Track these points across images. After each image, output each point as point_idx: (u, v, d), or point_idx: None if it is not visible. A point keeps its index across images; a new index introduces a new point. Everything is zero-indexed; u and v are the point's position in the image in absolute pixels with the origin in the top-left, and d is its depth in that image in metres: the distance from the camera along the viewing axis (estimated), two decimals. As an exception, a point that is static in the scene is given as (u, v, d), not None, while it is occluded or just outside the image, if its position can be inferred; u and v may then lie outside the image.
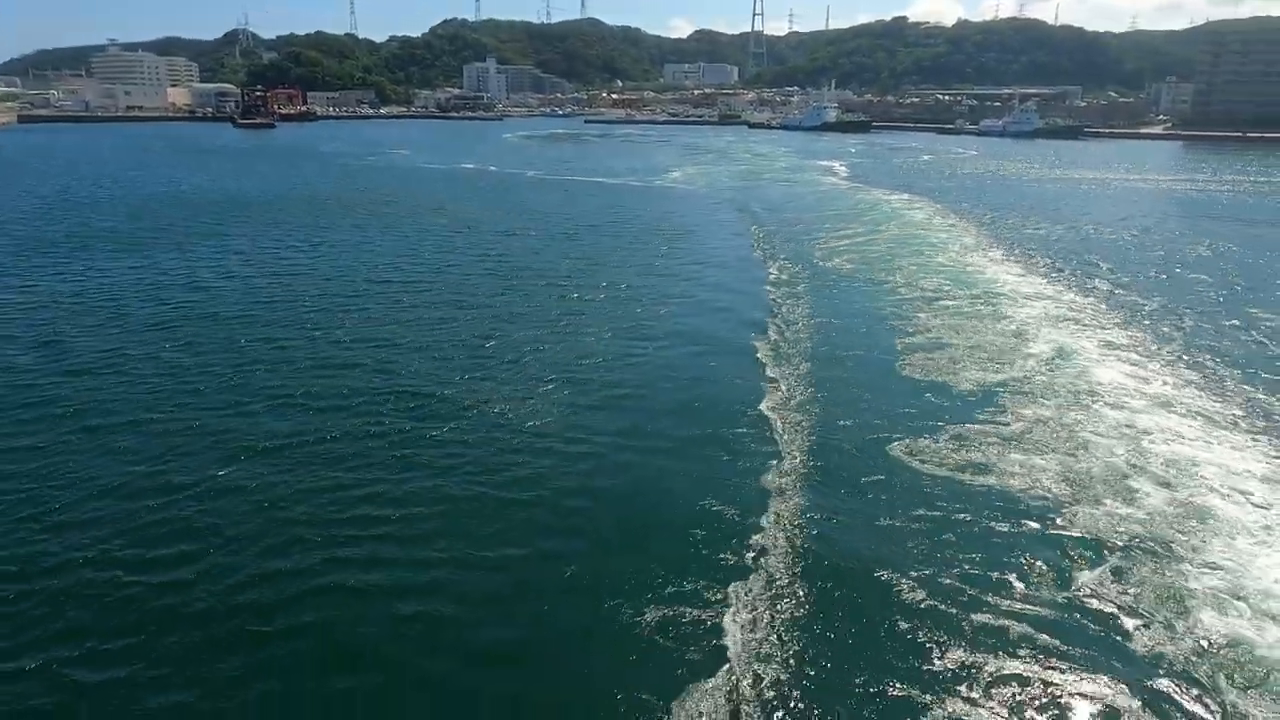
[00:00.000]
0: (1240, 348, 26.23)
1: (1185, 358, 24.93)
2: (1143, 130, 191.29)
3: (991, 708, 10.73)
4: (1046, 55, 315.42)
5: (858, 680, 11.25)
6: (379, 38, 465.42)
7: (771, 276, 36.55)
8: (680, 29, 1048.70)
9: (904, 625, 12.35)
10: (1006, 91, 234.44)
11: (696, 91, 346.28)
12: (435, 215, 55.94)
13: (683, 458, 17.86)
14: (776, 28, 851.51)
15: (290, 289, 33.48)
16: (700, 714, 10.60)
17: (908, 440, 18.45)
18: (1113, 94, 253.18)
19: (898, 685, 11.16)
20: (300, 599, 12.93)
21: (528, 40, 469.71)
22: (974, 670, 11.37)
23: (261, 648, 11.87)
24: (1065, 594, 13.15)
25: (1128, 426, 19.38)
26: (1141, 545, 14.40)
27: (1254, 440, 18.74)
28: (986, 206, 63.08)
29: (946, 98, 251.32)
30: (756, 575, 13.43)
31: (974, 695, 10.94)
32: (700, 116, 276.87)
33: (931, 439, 18.52)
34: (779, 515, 15.26)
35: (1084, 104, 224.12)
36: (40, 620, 12.41)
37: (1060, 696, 10.98)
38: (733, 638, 11.94)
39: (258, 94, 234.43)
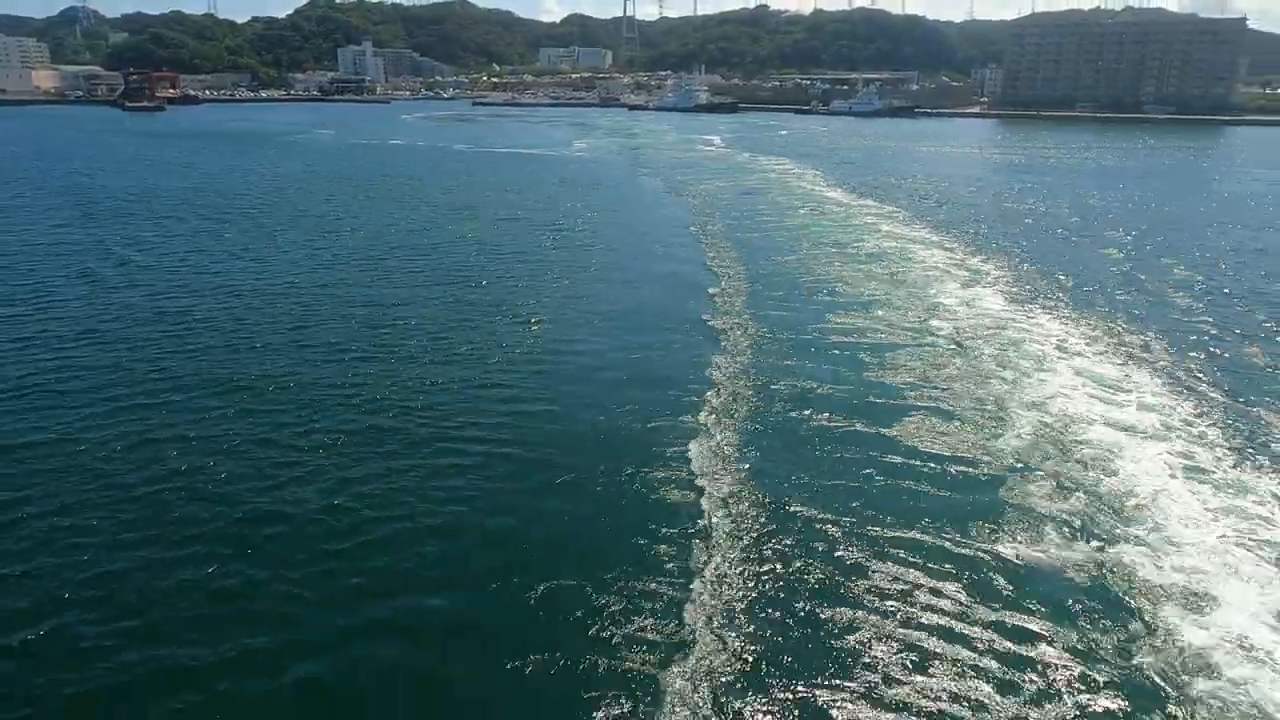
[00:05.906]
0: (1003, 237, 46.87)
1: (965, 240, 45.24)
2: (963, 110, 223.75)
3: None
4: (891, 43, 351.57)
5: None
6: (240, 18, 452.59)
7: (691, 205, 54.97)
8: (553, 12, 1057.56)
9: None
10: (854, 76, 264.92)
11: (576, 75, 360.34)
12: (422, 184, 71.61)
13: (656, 302, 35.74)
14: (647, 13, 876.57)
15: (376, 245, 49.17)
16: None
17: (774, 272, 37.21)
18: (945, 78, 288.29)
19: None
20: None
21: (400, 23, 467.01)
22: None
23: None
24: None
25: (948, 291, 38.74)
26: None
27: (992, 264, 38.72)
28: (831, 164, 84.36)
29: (805, 81, 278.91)
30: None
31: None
32: (582, 99, 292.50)
33: (793, 269, 37.42)
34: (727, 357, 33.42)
35: (918, 87, 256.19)
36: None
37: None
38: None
39: (137, 77, 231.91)
